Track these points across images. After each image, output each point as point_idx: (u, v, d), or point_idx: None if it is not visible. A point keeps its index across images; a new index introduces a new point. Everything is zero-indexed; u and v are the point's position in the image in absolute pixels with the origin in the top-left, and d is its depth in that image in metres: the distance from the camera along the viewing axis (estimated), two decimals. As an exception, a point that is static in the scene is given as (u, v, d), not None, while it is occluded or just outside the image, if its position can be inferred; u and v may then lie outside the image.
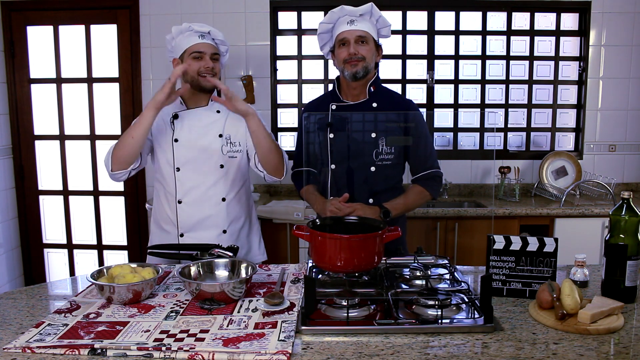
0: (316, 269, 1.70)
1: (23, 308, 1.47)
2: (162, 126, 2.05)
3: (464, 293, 1.47)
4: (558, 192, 3.39)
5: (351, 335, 1.26)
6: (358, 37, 1.96)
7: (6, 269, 3.62)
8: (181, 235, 2.04)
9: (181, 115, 2.05)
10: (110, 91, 3.65)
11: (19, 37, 3.61)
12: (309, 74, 3.69)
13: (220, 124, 2.05)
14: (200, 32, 2.01)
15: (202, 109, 2.07)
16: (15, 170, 3.71)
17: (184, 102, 2.08)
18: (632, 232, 1.44)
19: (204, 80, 2.00)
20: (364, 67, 1.96)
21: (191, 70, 1.99)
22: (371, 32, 1.98)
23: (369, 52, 1.97)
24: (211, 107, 2.08)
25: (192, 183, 2.02)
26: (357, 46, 1.96)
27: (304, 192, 2.15)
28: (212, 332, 1.26)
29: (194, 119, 2.04)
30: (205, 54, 2.00)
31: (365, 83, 2.03)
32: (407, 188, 2.10)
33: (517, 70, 3.69)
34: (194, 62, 1.99)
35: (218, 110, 2.08)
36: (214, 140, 2.03)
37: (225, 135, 2.05)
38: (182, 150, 2.01)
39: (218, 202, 2.04)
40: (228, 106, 1.92)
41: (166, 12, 3.52)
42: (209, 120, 2.05)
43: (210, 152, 2.02)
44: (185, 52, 2.01)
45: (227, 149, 2.04)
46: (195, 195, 2.02)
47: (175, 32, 2.06)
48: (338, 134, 2.04)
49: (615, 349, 1.19)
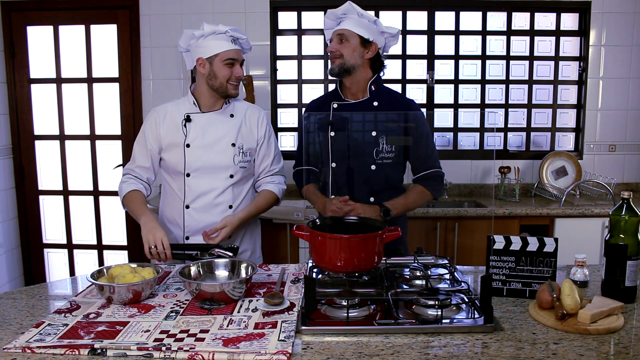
0: (316, 269, 1.70)
1: (23, 308, 1.47)
2: (172, 129, 2.00)
3: (464, 293, 1.47)
4: (558, 192, 3.39)
5: (351, 335, 1.26)
6: (338, 35, 2.00)
7: (6, 269, 3.62)
8: (186, 238, 2.03)
9: (194, 118, 2.00)
10: (110, 91, 3.65)
11: (19, 37, 3.61)
12: (309, 74, 3.69)
13: (234, 132, 2.01)
14: (234, 37, 1.95)
15: (216, 113, 2.02)
16: (15, 170, 3.72)
17: (198, 104, 2.02)
18: (632, 232, 1.44)
19: (231, 88, 1.97)
20: (341, 64, 1.98)
21: (222, 77, 1.94)
22: (355, 29, 1.98)
23: (348, 49, 1.98)
24: (225, 111, 2.03)
25: (202, 190, 1.99)
26: (336, 44, 2.00)
27: (305, 191, 2.15)
28: (212, 332, 1.26)
29: (208, 124, 2.00)
30: (237, 62, 1.97)
31: (363, 81, 2.03)
32: (408, 188, 2.10)
33: (517, 70, 3.69)
34: (225, 68, 1.94)
35: (232, 114, 2.04)
36: (227, 148, 1.99)
37: (239, 144, 2.01)
38: (194, 157, 1.97)
39: (225, 210, 2.02)
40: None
41: (166, 12, 3.52)
42: (223, 126, 2.01)
43: (222, 161, 1.98)
44: (218, 56, 1.94)
45: (238, 159, 2.01)
46: (204, 202, 2.00)
47: (207, 31, 1.94)
48: (339, 132, 2.05)
49: (615, 349, 1.19)
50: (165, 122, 2.01)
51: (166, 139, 2.00)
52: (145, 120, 2.06)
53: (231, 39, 1.95)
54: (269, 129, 2.12)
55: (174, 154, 1.99)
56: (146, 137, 2.02)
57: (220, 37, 1.94)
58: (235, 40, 1.96)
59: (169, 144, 2.00)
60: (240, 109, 2.08)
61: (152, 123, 2.02)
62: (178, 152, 1.98)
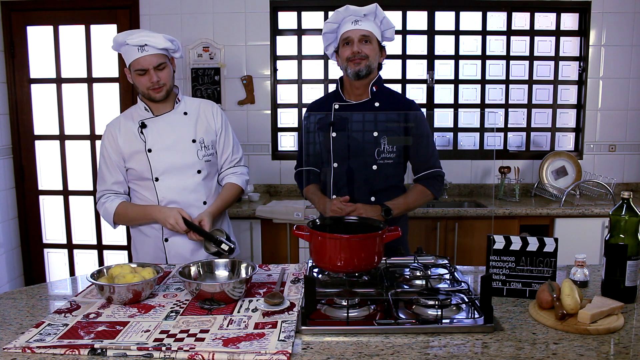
0: (316, 269, 1.70)
1: (23, 308, 1.47)
2: (131, 137, 2.00)
3: (464, 293, 1.47)
4: (558, 192, 3.39)
5: (351, 335, 1.26)
6: (362, 36, 1.97)
7: (6, 269, 3.62)
8: (166, 240, 2.03)
9: (149, 123, 2.00)
10: (110, 91, 3.65)
11: (19, 37, 3.61)
12: (309, 74, 3.69)
13: (191, 129, 2.02)
14: (139, 45, 1.89)
15: (169, 114, 2.03)
16: (15, 170, 3.71)
17: (149, 109, 2.02)
18: (632, 232, 1.44)
19: (154, 93, 1.95)
20: (367, 66, 1.97)
21: (140, 85, 1.94)
22: (375, 32, 1.99)
23: (372, 52, 1.98)
24: (177, 111, 2.04)
25: (173, 191, 1.99)
26: (360, 45, 1.97)
27: (307, 192, 2.16)
28: (212, 332, 1.26)
29: (163, 126, 2.00)
30: (149, 70, 1.91)
31: (368, 83, 2.04)
32: (409, 188, 2.11)
33: (517, 70, 3.69)
34: (140, 78, 1.93)
35: (185, 112, 2.05)
36: (188, 146, 2.00)
37: (199, 139, 2.03)
38: (158, 160, 1.97)
39: (200, 207, 2.03)
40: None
41: (166, 12, 3.52)
42: (179, 125, 2.02)
43: (187, 158, 1.99)
44: (130, 66, 1.94)
45: (202, 153, 2.02)
46: (177, 202, 1.99)
47: (115, 45, 1.96)
48: (340, 132, 2.05)
49: (615, 349, 1.18)
50: (121, 133, 2.01)
51: (126, 149, 2.00)
52: (102, 139, 2.06)
53: (136, 47, 1.89)
54: (224, 120, 2.13)
55: (137, 161, 1.99)
56: (109, 154, 2.02)
57: (127, 48, 1.92)
58: (141, 48, 1.89)
59: (131, 153, 2.00)
60: (193, 105, 2.09)
61: (110, 138, 2.03)
62: (142, 159, 1.98)
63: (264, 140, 3.62)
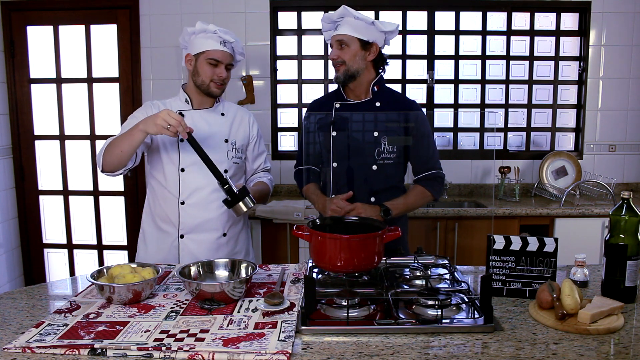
0: (316, 269, 1.70)
1: (23, 308, 1.47)
2: None
3: (464, 293, 1.47)
4: (558, 192, 3.39)
5: (351, 335, 1.26)
6: (337, 41, 2.00)
7: (6, 269, 3.62)
8: (181, 236, 2.03)
9: (186, 114, 2.01)
10: (110, 91, 3.65)
11: (19, 37, 3.61)
12: (309, 74, 3.69)
13: (226, 129, 2.05)
14: (223, 39, 1.96)
15: (207, 111, 2.06)
16: (15, 170, 3.72)
17: (190, 101, 2.05)
18: (632, 232, 1.44)
19: (214, 87, 1.98)
20: (345, 71, 1.99)
21: (204, 75, 1.97)
22: (353, 33, 1.97)
23: (349, 55, 1.98)
24: (216, 110, 2.07)
25: (197, 185, 1.99)
26: (337, 51, 1.99)
27: (306, 191, 2.16)
28: (212, 332, 1.26)
29: (200, 120, 2.02)
30: (222, 63, 1.97)
31: (363, 83, 2.04)
32: (408, 188, 2.11)
33: (517, 70, 3.69)
34: (208, 68, 1.96)
35: (222, 112, 2.08)
36: (220, 144, 2.02)
37: (231, 140, 2.06)
38: (188, 151, 1.96)
39: (220, 205, 1.99)
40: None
41: (166, 12, 3.53)
42: (215, 123, 2.04)
43: (216, 155, 1.96)
44: (203, 54, 1.96)
45: (232, 155, 2.05)
46: (199, 197, 2.00)
47: (198, 29, 1.98)
48: (341, 132, 2.05)
49: (615, 349, 1.18)
50: None
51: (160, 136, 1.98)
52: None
53: (220, 40, 1.96)
54: (258, 130, 2.22)
55: (167, 148, 2.00)
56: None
57: (209, 37, 1.96)
58: (224, 43, 1.97)
59: (163, 139, 1.99)
60: (231, 109, 2.14)
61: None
62: (172, 147, 1.99)
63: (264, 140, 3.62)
